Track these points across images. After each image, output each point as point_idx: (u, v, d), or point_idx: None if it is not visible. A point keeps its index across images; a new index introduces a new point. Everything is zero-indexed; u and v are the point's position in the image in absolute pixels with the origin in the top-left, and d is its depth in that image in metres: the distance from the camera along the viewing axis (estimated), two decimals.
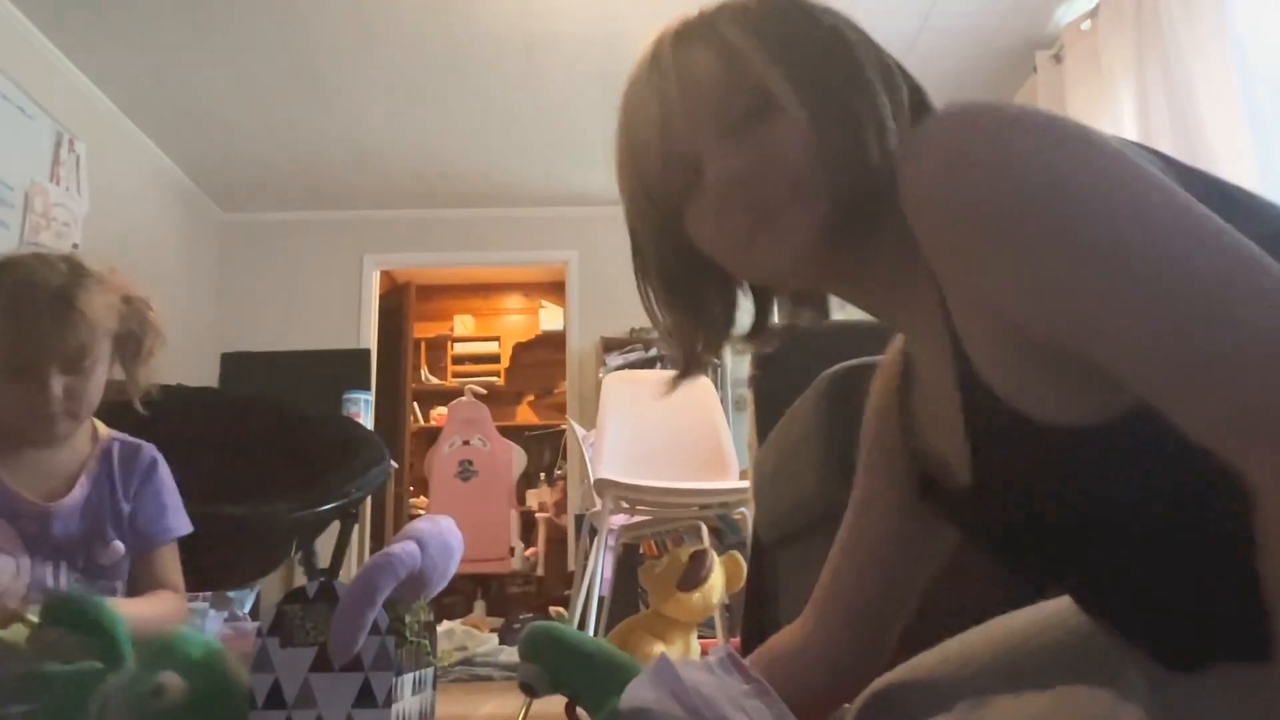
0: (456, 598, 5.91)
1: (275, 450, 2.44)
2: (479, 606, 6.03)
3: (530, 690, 0.92)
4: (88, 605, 1.12)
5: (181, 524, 1.66)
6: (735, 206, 0.76)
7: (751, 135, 0.75)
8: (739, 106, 0.76)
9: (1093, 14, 3.62)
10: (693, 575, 2.66)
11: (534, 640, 0.93)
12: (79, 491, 1.54)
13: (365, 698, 1.04)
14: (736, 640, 3.29)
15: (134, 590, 1.58)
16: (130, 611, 1.48)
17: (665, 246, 0.85)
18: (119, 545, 1.55)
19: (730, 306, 0.89)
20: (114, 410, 1.65)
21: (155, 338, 1.60)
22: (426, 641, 1.18)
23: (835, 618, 0.93)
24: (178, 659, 0.97)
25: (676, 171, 0.79)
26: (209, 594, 2.56)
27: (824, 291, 0.88)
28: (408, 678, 1.13)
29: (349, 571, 3.66)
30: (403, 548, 1.12)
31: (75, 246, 4.05)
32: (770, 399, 2.05)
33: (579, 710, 0.91)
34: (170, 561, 1.63)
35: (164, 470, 1.66)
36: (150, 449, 1.66)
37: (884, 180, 0.71)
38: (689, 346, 0.89)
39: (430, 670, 1.22)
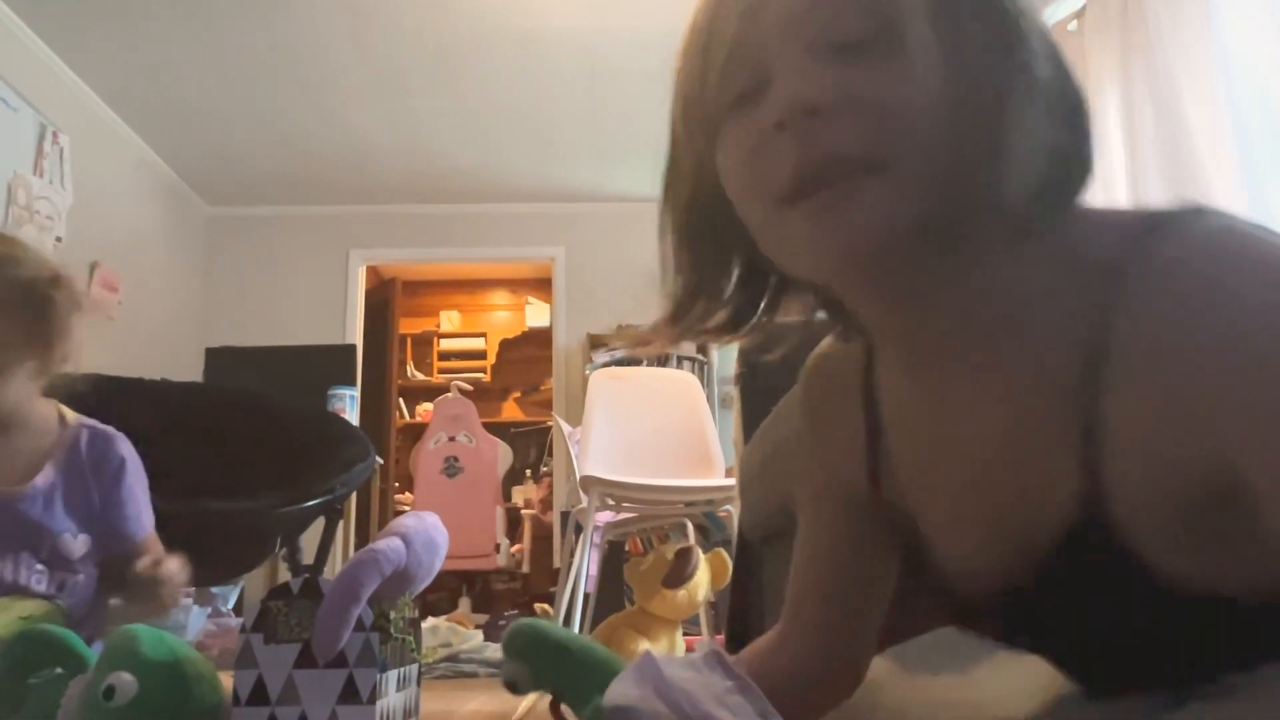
0: (441, 594, 5.91)
1: (260, 446, 2.43)
2: (464, 603, 6.02)
3: (514, 688, 0.92)
4: (45, 637, 1.11)
5: (151, 513, 1.64)
6: (795, 143, 0.58)
7: (852, 69, 0.58)
8: (851, 27, 0.58)
9: (1080, 14, 3.63)
10: (678, 572, 2.66)
11: (517, 637, 0.93)
12: (42, 480, 1.49)
13: (349, 694, 1.04)
14: (721, 637, 3.30)
15: (111, 583, 1.55)
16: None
17: (694, 165, 0.67)
18: (85, 539, 1.52)
19: (727, 276, 0.71)
20: (100, 403, 1.63)
21: (69, 312, 1.48)
22: (411, 638, 1.18)
23: (805, 629, 0.87)
24: (131, 658, 0.97)
25: (739, 71, 0.62)
26: (192, 590, 2.55)
27: (838, 296, 0.70)
28: (392, 674, 1.13)
29: (333, 568, 3.65)
30: (388, 544, 1.12)
31: (58, 240, 4.02)
32: (757, 397, 2.05)
33: (563, 708, 0.91)
34: (157, 543, 1.61)
35: (136, 465, 1.62)
36: (122, 441, 1.60)
37: (1011, 212, 0.58)
38: (682, 304, 0.71)
39: (414, 667, 1.22)
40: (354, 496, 3.34)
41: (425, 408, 6.89)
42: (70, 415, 1.59)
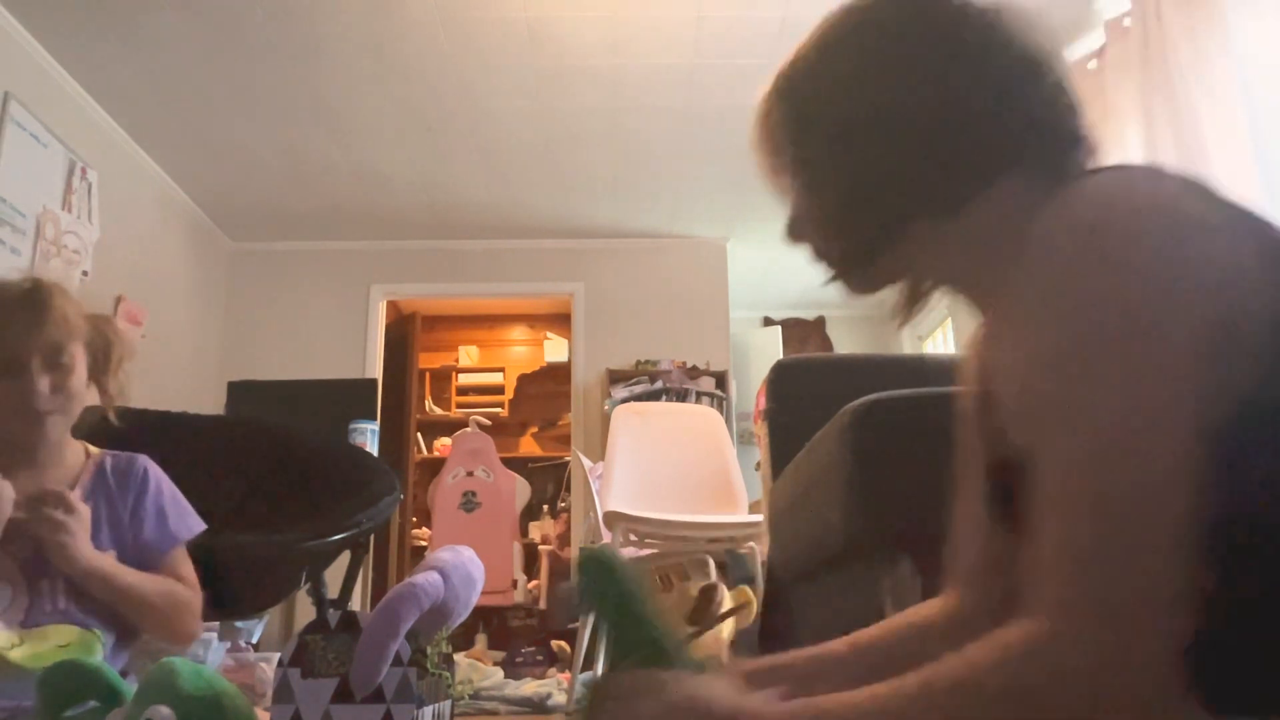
0: (458, 630, 5.86)
1: (286, 479, 2.42)
2: (480, 640, 5.98)
3: (570, 604, 0.91)
4: (80, 669, 1.11)
5: (188, 525, 1.65)
6: None
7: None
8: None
9: (1099, 53, 3.65)
10: (703, 610, 2.63)
11: (592, 565, 0.89)
12: None
13: None
14: None
15: None
16: (133, 581, 1.47)
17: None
18: (113, 555, 1.53)
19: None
20: (123, 435, 1.65)
21: (123, 348, 1.60)
22: (447, 674, 1.17)
23: (964, 590, 0.96)
24: (169, 692, 0.96)
25: None
26: (215, 624, 2.54)
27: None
28: (428, 710, 1.12)
29: (355, 603, 3.63)
30: (425, 578, 1.11)
31: (85, 274, 4.06)
32: (784, 432, 2.04)
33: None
34: (182, 564, 1.61)
35: (159, 478, 1.64)
36: (143, 459, 1.64)
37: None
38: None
39: (448, 703, 1.21)
40: None
41: (443, 442, 6.89)
42: (93, 449, 1.63)
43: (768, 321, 7.08)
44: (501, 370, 7.43)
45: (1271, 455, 0.65)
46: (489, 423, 6.53)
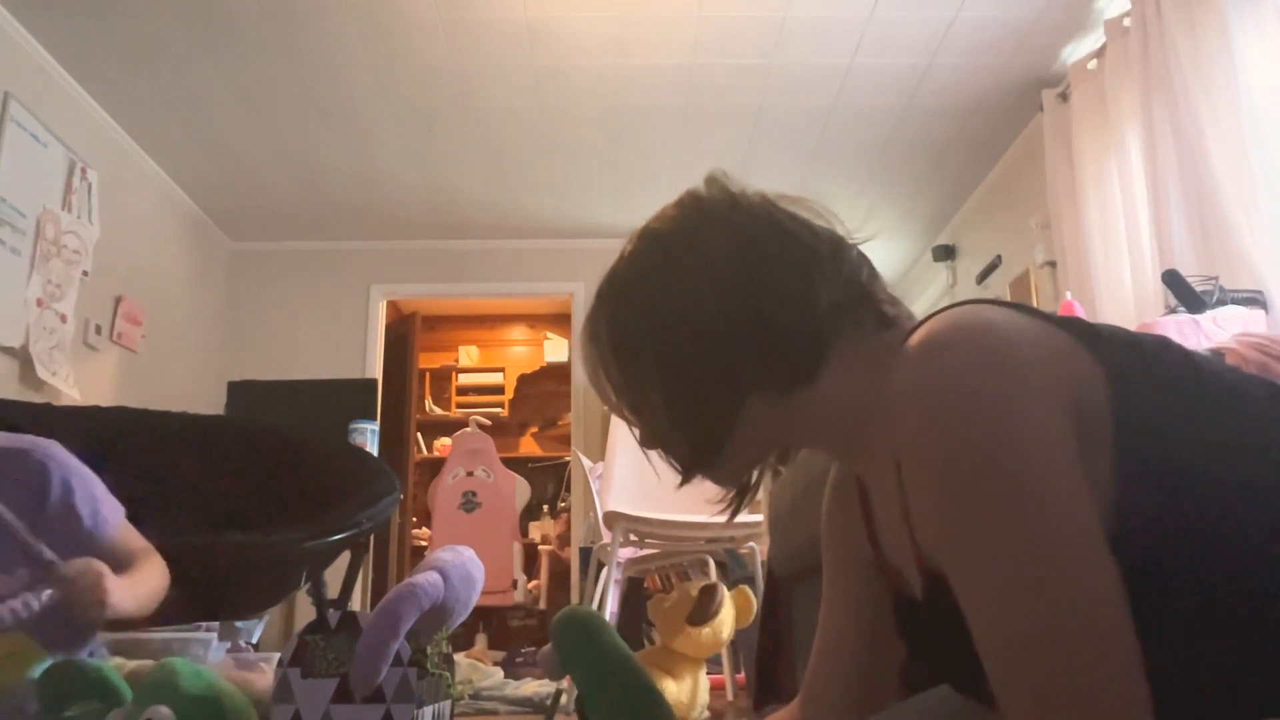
0: (458, 630, 5.87)
1: (286, 479, 2.43)
2: (480, 639, 5.99)
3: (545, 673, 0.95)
4: (80, 669, 1.10)
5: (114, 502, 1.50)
6: None
7: None
8: None
9: (1099, 53, 3.65)
10: (703, 609, 2.64)
11: (565, 626, 0.94)
12: None
13: None
14: (743, 676, 3.26)
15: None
16: (126, 589, 1.36)
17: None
18: (22, 574, 1.35)
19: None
20: (124, 435, 1.63)
21: None
22: (447, 674, 1.17)
23: (826, 705, 1.01)
24: (169, 691, 0.96)
25: None
26: (216, 625, 2.54)
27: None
28: (428, 710, 1.12)
29: (355, 603, 3.63)
30: (425, 578, 1.11)
31: (85, 274, 4.06)
32: None
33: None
34: (130, 534, 1.51)
35: (64, 468, 1.43)
36: (37, 450, 1.41)
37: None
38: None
39: (448, 703, 1.21)
40: None
41: (443, 442, 6.89)
42: None
43: None
44: (501, 370, 7.43)
45: (1156, 544, 0.67)
46: (489, 423, 6.53)
